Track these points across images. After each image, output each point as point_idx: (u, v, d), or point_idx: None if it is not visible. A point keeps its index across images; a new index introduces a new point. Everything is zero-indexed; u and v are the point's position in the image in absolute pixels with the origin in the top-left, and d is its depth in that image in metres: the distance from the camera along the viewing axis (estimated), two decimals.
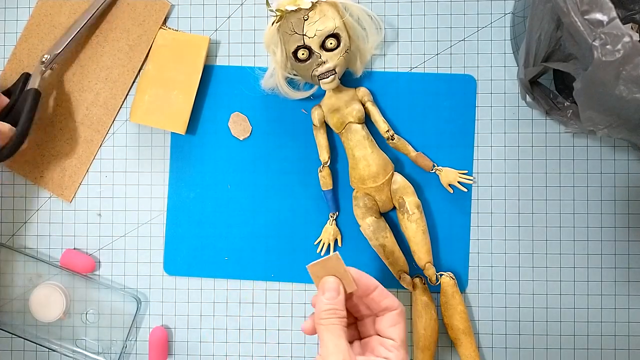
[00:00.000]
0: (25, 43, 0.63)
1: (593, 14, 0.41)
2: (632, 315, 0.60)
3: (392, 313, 0.48)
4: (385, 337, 0.48)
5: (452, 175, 0.60)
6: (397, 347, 0.47)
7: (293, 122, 0.62)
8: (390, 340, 0.47)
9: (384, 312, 0.48)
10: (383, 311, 0.49)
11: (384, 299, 0.48)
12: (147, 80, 0.61)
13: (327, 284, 0.47)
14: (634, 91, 0.41)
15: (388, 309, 0.48)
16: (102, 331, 0.62)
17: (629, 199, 0.61)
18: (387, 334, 0.47)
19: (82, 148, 0.63)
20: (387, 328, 0.48)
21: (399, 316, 0.48)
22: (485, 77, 0.61)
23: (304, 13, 0.55)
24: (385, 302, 0.48)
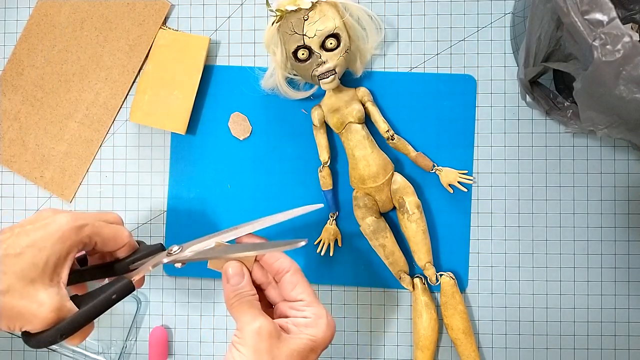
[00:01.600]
0: (25, 43, 0.63)
1: (593, 14, 0.41)
2: (632, 315, 0.60)
3: (287, 275, 0.47)
4: (292, 301, 0.46)
5: (452, 175, 0.60)
6: (308, 303, 0.45)
7: (293, 122, 0.62)
8: (298, 302, 0.46)
9: (280, 276, 0.47)
10: (278, 274, 0.47)
11: (275, 260, 0.47)
12: (147, 80, 0.61)
13: (231, 270, 0.46)
14: (634, 91, 0.41)
15: (280, 271, 0.47)
16: (102, 331, 0.62)
17: (629, 199, 0.61)
18: (293, 297, 0.46)
19: (82, 148, 0.63)
20: (290, 292, 0.46)
21: (294, 275, 0.47)
22: (485, 77, 0.61)
23: (304, 13, 0.55)
24: (277, 265, 0.47)
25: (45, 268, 0.42)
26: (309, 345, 0.43)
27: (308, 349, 0.43)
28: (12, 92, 0.63)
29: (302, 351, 0.43)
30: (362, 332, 0.62)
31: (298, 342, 0.43)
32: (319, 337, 0.44)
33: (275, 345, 0.43)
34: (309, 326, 0.44)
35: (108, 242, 0.47)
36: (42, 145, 0.63)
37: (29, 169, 0.63)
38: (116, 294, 0.44)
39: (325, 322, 0.45)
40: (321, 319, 0.45)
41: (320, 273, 0.62)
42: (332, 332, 0.45)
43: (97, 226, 0.46)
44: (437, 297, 0.61)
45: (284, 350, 0.43)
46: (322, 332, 0.44)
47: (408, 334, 0.61)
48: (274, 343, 0.43)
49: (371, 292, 0.62)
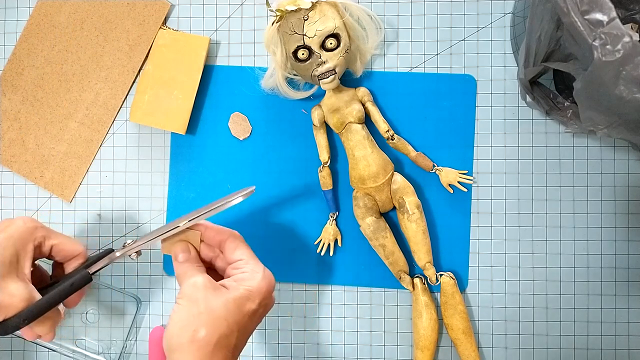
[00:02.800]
0: (25, 43, 0.63)
1: (593, 14, 0.41)
2: (632, 315, 0.60)
3: (228, 242, 0.50)
4: (234, 262, 0.49)
5: (452, 175, 0.60)
6: (246, 261, 0.49)
7: (293, 122, 0.62)
8: (239, 261, 0.49)
9: (223, 245, 0.50)
10: (221, 245, 0.50)
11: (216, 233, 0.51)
12: (147, 80, 0.61)
13: (176, 249, 0.50)
14: (634, 91, 0.41)
15: (223, 241, 0.50)
16: (102, 331, 0.62)
17: (628, 199, 0.61)
18: (234, 259, 0.49)
19: (82, 148, 0.63)
20: (232, 255, 0.49)
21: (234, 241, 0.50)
22: (485, 77, 0.61)
23: (304, 13, 0.55)
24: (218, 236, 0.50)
25: (11, 264, 0.48)
26: (245, 294, 0.47)
27: (244, 298, 0.46)
28: (12, 92, 0.63)
29: (238, 299, 0.46)
30: (362, 332, 0.62)
31: (234, 293, 0.46)
32: (254, 287, 0.47)
33: (211, 294, 0.46)
34: (245, 279, 0.47)
35: (63, 246, 0.52)
36: (42, 145, 0.63)
37: (29, 169, 0.63)
38: (74, 283, 0.49)
39: (261, 275, 0.48)
40: (257, 273, 0.48)
41: (320, 273, 0.62)
42: (267, 283, 0.48)
43: (50, 230, 0.51)
44: (437, 297, 0.61)
45: (220, 299, 0.46)
46: (257, 283, 0.47)
47: (408, 334, 0.61)
48: (209, 293, 0.46)
49: (371, 292, 0.62)
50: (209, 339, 0.45)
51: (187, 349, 0.44)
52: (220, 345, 0.45)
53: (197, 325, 0.45)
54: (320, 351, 0.62)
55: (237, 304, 0.46)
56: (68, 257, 0.52)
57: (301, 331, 0.62)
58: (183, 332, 0.45)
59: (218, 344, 0.45)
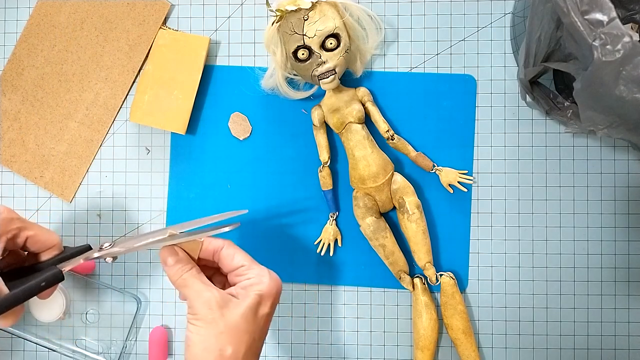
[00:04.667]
0: (25, 43, 0.63)
1: (593, 14, 0.41)
2: (632, 315, 0.60)
3: (223, 250, 0.49)
4: (235, 270, 0.49)
5: (452, 175, 0.60)
6: (248, 267, 0.48)
7: (293, 122, 0.62)
8: (240, 268, 0.48)
9: (218, 255, 0.50)
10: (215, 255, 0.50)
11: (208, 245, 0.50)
12: (147, 80, 0.61)
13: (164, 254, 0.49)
14: (634, 91, 0.41)
15: (217, 251, 0.50)
16: (102, 331, 0.62)
17: (629, 199, 0.61)
18: (235, 266, 0.49)
19: (82, 148, 0.63)
20: (231, 263, 0.49)
21: (229, 248, 0.49)
22: (485, 77, 0.61)
23: (304, 13, 0.55)
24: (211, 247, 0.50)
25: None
26: (257, 300, 0.46)
27: (257, 304, 0.46)
28: (12, 92, 0.63)
29: (253, 307, 0.46)
30: (362, 332, 0.62)
31: (247, 301, 0.46)
32: (264, 291, 0.47)
33: (227, 311, 0.46)
34: (253, 285, 0.47)
35: (38, 237, 0.50)
36: (42, 145, 0.63)
37: (29, 169, 0.63)
38: (45, 282, 0.48)
39: (268, 277, 0.48)
40: (264, 277, 0.48)
41: (320, 273, 0.62)
42: (276, 284, 0.48)
43: (26, 221, 0.50)
44: (437, 297, 0.61)
45: (236, 312, 0.46)
46: (267, 286, 0.47)
47: (408, 334, 0.61)
48: (225, 310, 0.46)
49: (371, 292, 0.62)
50: (237, 355, 0.45)
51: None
52: (247, 355, 0.46)
53: (222, 345, 0.45)
54: (320, 351, 0.62)
55: (253, 312, 0.46)
56: (43, 248, 0.51)
57: (301, 331, 0.62)
58: (208, 354, 0.45)
59: (246, 357, 0.46)
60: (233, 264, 0.49)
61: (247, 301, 0.46)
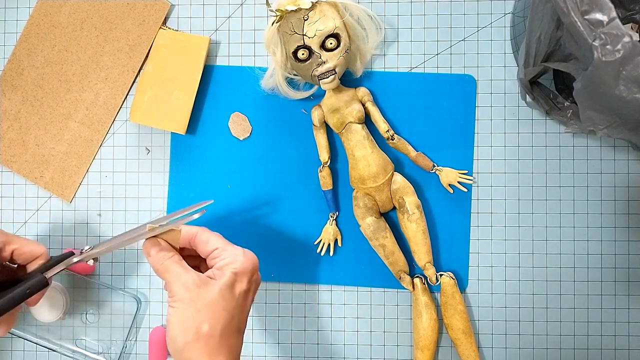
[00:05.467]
0: (25, 43, 0.63)
1: (593, 14, 0.41)
2: (632, 315, 0.60)
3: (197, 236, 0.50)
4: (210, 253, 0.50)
5: (452, 175, 0.60)
6: (222, 249, 0.49)
7: (293, 122, 0.62)
8: (215, 250, 0.49)
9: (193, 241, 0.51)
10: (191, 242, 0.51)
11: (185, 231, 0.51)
12: (147, 80, 0.61)
13: (146, 246, 0.50)
14: (634, 91, 0.41)
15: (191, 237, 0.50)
16: (102, 331, 0.62)
17: (629, 199, 0.61)
18: (210, 250, 0.50)
19: (82, 148, 0.63)
20: (206, 248, 0.50)
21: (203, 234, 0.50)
22: (485, 77, 0.61)
23: (304, 13, 0.55)
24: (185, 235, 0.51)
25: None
26: (232, 278, 0.48)
27: (232, 281, 0.47)
28: (12, 92, 0.63)
29: (228, 284, 0.47)
30: (362, 332, 0.62)
31: (223, 279, 0.47)
32: (239, 269, 0.48)
33: (203, 290, 0.47)
34: (228, 264, 0.48)
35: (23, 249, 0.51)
36: (42, 145, 0.63)
37: (29, 169, 0.63)
38: (30, 289, 0.49)
39: (242, 255, 0.49)
40: (238, 255, 0.49)
41: (320, 273, 0.62)
42: (251, 261, 0.49)
43: (9, 235, 0.51)
44: (437, 297, 0.61)
45: (213, 291, 0.47)
46: (241, 264, 0.48)
47: (408, 334, 0.61)
48: (201, 290, 0.47)
49: (371, 292, 0.62)
50: (214, 332, 0.46)
51: (195, 346, 0.45)
52: (226, 333, 0.46)
53: (199, 322, 0.46)
54: (320, 351, 0.62)
55: (229, 290, 0.47)
56: (29, 259, 0.52)
57: (301, 331, 0.62)
58: (186, 332, 0.46)
59: (223, 334, 0.46)
60: (208, 248, 0.50)
61: (223, 280, 0.47)
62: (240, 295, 0.48)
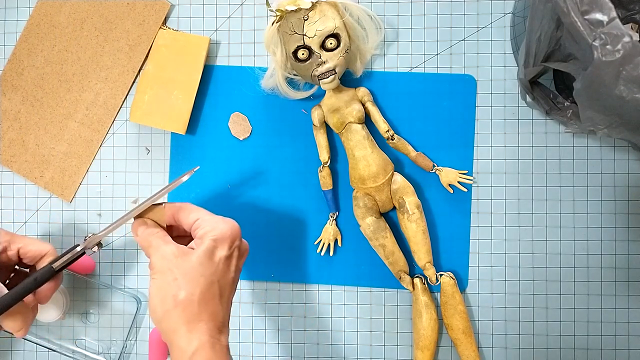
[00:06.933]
0: (25, 43, 0.63)
1: (593, 14, 0.41)
2: (632, 315, 0.60)
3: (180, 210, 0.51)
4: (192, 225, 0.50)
5: (452, 175, 0.60)
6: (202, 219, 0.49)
7: (293, 122, 0.62)
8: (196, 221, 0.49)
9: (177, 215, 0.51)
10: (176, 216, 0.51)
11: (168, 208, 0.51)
12: (147, 80, 0.61)
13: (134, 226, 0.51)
14: (634, 91, 0.41)
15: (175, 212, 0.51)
16: (102, 331, 0.62)
17: (629, 199, 0.61)
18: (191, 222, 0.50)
19: (82, 148, 0.63)
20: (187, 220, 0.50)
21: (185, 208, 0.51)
22: (485, 77, 0.61)
23: (304, 13, 0.55)
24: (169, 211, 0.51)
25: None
26: (212, 244, 0.48)
27: (212, 248, 0.47)
28: (12, 92, 0.63)
29: (207, 251, 0.47)
30: (362, 332, 0.62)
31: (201, 247, 0.47)
32: (218, 235, 0.48)
33: (181, 259, 0.47)
34: (207, 232, 0.48)
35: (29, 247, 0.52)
36: (42, 145, 0.63)
37: (29, 169, 0.63)
38: (37, 277, 0.50)
39: (221, 222, 0.49)
40: (218, 223, 0.49)
41: (320, 273, 0.62)
42: (230, 227, 0.49)
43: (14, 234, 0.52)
44: (437, 297, 0.61)
45: (191, 259, 0.47)
46: (220, 230, 0.48)
47: (408, 334, 0.61)
48: (179, 259, 0.47)
49: (371, 292, 0.62)
50: (191, 298, 0.46)
51: (173, 313, 0.45)
52: (205, 299, 0.46)
53: (176, 290, 0.46)
54: (320, 351, 0.62)
55: (208, 256, 0.47)
56: (37, 257, 0.52)
57: (301, 331, 0.62)
58: (164, 301, 0.46)
59: (202, 300, 0.46)
60: (189, 220, 0.50)
61: (201, 247, 0.47)
62: (221, 261, 0.48)
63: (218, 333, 0.46)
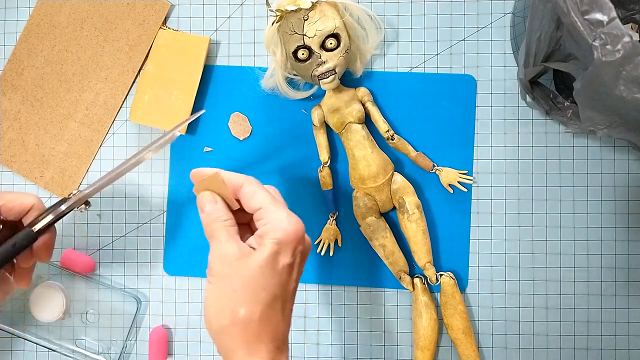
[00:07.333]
0: (25, 43, 0.63)
1: (593, 14, 0.41)
2: (632, 315, 0.60)
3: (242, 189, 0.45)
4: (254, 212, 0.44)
5: (452, 175, 0.60)
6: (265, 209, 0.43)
7: (293, 122, 0.62)
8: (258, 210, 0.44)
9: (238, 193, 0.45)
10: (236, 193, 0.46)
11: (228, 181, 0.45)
12: (147, 80, 0.61)
13: (202, 199, 0.45)
14: (634, 91, 0.41)
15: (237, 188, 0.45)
16: (102, 331, 0.62)
17: (628, 199, 0.61)
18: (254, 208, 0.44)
19: (82, 148, 0.63)
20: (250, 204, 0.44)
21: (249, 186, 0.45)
22: (485, 77, 0.61)
23: (304, 13, 0.55)
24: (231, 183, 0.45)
25: None
26: (274, 250, 0.42)
27: (275, 254, 0.42)
28: (12, 92, 0.63)
29: (270, 259, 0.42)
30: (362, 332, 0.62)
31: (262, 252, 0.42)
32: (281, 238, 0.42)
33: (240, 266, 0.42)
34: (269, 231, 0.42)
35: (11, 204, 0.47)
36: (42, 145, 0.63)
37: (29, 169, 0.63)
38: (16, 242, 0.45)
39: (285, 221, 0.43)
40: (282, 221, 0.43)
41: (320, 273, 0.62)
42: (294, 229, 0.43)
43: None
44: (437, 297, 0.61)
45: (251, 266, 0.41)
46: (283, 232, 0.42)
47: (408, 334, 0.61)
48: (239, 264, 0.42)
49: (371, 292, 0.62)
50: (251, 316, 0.41)
51: (232, 331, 0.41)
52: (267, 317, 0.42)
53: (235, 305, 0.41)
54: (320, 351, 0.62)
55: (270, 265, 0.42)
56: (22, 213, 0.48)
57: (301, 331, 0.62)
58: (222, 315, 0.41)
59: (263, 318, 0.42)
60: (252, 205, 0.44)
61: (264, 252, 0.42)
62: (284, 269, 0.42)
63: (279, 353, 0.43)
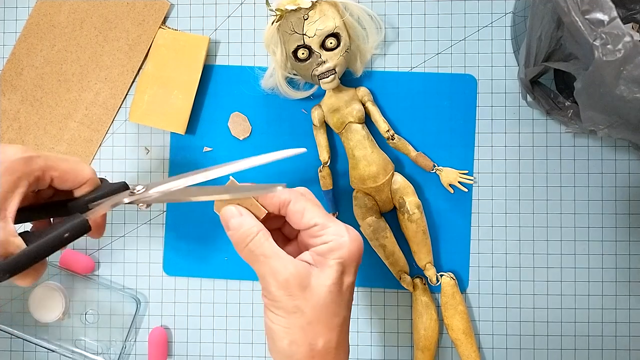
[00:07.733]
0: (25, 43, 0.63)
1: (594, 13, 0.41)
2: (633, 316, 0.60)
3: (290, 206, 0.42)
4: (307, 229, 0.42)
5: (452, 175, 0.60)
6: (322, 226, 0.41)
7: (293, 122, 0.62)
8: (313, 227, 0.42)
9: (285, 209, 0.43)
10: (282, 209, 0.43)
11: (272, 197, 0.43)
12: (146, 80, 0.61)
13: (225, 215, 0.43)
14: (635, 91, 0.41)
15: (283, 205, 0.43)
16: (102, 331, 0.62)
17: (629, 199, 0.60)
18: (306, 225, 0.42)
19: (81, 148, 0.63)
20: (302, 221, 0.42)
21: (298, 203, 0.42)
22: (485, 77, 0.61)
23: (303, 12, 0.55)
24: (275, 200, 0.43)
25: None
26: (339, 270, 0.40)
27: (340, 274, 0.40)
28: (11, 92, 0.63)
29: (337, 280, 0.40)
30: (362, 332, 0.62)
31: (329, 274, 0.40)
32: (346, 257, 0.40)
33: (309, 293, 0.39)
34: (332, 250, 0.40)
35: (66, 176, 0.43)
36: (42, 145, 0.63)
37: None
38: (69, 232, 0.40)
39: (347, 238, 0.41)
40: (343, 237, 0.41)
41: None
42: (358, 245, 0.41)
43: (51, 159, 0.42)
44: (437, 298, 0.61)
45: (321, 293, 0.39)
46: (347, 251, 0.40)
47: (408, 335, 0.61)
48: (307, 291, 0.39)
49: (371, 292, 0.62)
50: (329, 345, 0.40)
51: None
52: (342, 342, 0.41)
53: (312, 337, 0.39)
54: None
55: (338, 287, 0.40)
56: (75, 186, 0.44)
57: None
58: (296, 347, 0.39)
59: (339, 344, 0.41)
60: (303, 222, 0.42)
61: (331, 275, 0.39)
62: (348, 289, 0.41)
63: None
